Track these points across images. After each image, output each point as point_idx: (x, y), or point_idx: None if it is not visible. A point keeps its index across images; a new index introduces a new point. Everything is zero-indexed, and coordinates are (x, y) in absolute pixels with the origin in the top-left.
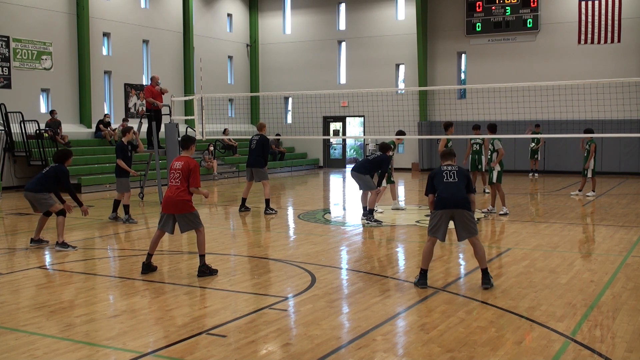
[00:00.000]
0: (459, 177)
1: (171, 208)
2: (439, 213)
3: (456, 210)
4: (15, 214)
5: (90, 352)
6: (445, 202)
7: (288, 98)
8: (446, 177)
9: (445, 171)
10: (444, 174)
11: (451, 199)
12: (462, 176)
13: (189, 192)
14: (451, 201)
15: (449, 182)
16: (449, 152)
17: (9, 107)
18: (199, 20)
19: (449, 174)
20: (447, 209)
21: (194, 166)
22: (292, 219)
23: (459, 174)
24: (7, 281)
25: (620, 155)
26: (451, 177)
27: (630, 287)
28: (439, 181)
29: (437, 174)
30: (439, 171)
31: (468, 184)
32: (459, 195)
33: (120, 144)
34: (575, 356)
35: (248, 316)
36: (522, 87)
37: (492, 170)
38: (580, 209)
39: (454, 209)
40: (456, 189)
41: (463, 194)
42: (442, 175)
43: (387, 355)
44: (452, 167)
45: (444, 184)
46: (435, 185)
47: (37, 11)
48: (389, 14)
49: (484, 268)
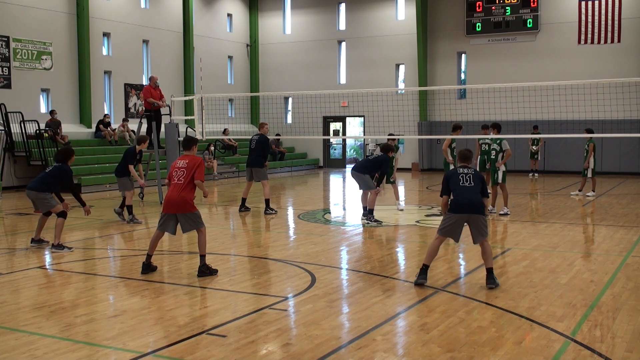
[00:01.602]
0: (474, 182)
1: (173, 208)
2: (454, 216)
3: (472, 216)
4: (15, 214)
5: (90, 352)
6: (462, 206)
7: (288, 98)
8: (462, 180)
9: (461, 174)
10: (460, 177)
11: (468, 203)
12: (477, 180)
13: (193, 186)
14: (468, 206)
15: (465, 186)
16: (468, 154)
17: (9, 107)
18: (199, 20)
19: (465, 177)
20: (463, 213)
21: (200, 161)
22: (292, 219)
23: (475, 177)
24: (7, 281)
25: (620, 155)
26: (467, 181)
27: (630, 287)
28: (454, 184)
29: (453, 176)
30: (455, 173)
31: (483, 187)
32: (476, 200)
33: (132, 151)
34: (575, 356)
35: (248, 316)
36: (522, 87)
37: (497, 171)
38: (580, 209)
39: (470, 214)
40: (473, 193)
41: (479, 198)
42: (458, 179)
43: (387, 355)
44: (468, 170)
45: (460, 188)
46: (451, 188)
47: (37, 11)
48: (389, 14)
49: (489, 267)
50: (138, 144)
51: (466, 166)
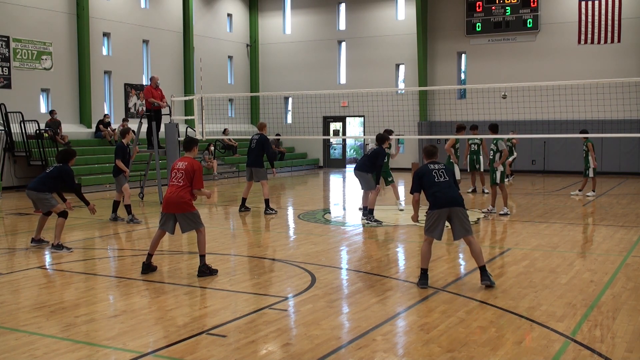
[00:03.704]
0: (448, 175)
1: (172, 207)
2: (435, 213)
3: (453, 209)
4: (15, 214)
5: (90, 352)
6: (442, 201)
7: (288, 98)
8: (437, 176)
9: (434, 170)
10: (434, 174)
11: (447, 198)
12: (450, 174)
13: (191, 193)
14: (447, 200)
15: (440, 181)
16: (434, 150)
17: (9, 107)
18: (199, 20)
19: (439, 173)
20: (444, 207)
21: (198, 168)
22: (292, 219)
23: (447, 172)
24: (7, 281)
25: (620, 155)
26: (441, 176)
27: (630, 287)
28: (429, 181)
29: (426, 174)
30: (427, 170)
31: (455, 180)
32: (453, 193)
33: (121, 145)
34: (575, 356)
35: (248, 316)
36: (522, 87)
37: (495, 171)
38: (581, 209)
39: (450, 207)
40: (449, 187)
41: (456, 191)
42: (432, 175)
43: (387, 355)
44: (439, 166)
45: (437, 184)
46: (425, 186)
47: (37, 11)
48: (389, 14)
49: (482, 265)
50: (122, 136)
51: (435, 162)
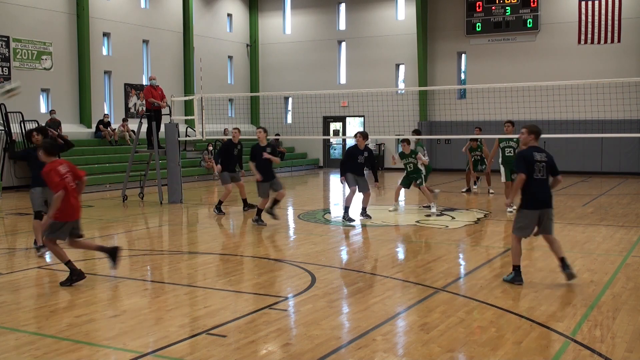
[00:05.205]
0: (546, 173)
1: (78, 213)
2: (530, 213)
3: (546, 210)
4: (15, 214)
5: (90, 352)
6: (539, 202)
7: (288, 98)
8: (537, 171)
9: (537, 162)
10: (536, 167)
11: (544, 199)
12: (548, 169)
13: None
14: (544, 201)
15: (538, 178)
16: (539, 129)
17: (9, 107)
18: (199, 20)
19: (539, 166)
20: (540, 209)
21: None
22: (292, 219)
23: (547, 166)
24: (7, 281)
25: (620, 155)
26: (541, 172)
27: (630, 287)
28: (530, 172)
29: (531, 163)
30: (531, 159)
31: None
32: (549, 193)
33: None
34: (575, 356)
35: (248, 316)
36: (522, 87)
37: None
38: (580, 209)
39: (545, 209)
40: (547, 186)
41: (550, 190)
42: (534, 168)
43: (387, 355)
44: (541, 157)
45: (536, 181)
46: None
47: (37, 11)
48: (389, 14)
49: (561, 257)
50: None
51: (540, 150)
